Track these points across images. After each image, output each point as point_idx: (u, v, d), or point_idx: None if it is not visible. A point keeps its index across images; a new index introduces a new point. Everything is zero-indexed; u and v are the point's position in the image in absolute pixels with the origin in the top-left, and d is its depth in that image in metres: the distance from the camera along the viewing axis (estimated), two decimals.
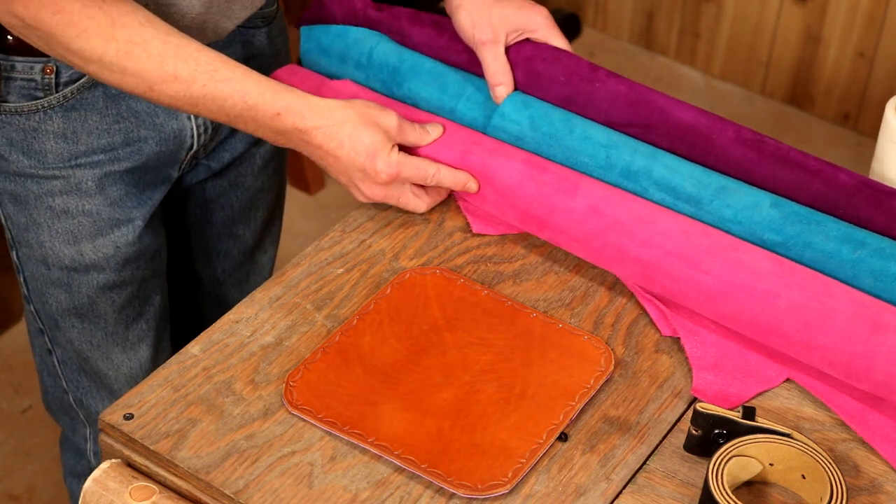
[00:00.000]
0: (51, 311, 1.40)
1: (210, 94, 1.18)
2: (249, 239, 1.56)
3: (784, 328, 1.10)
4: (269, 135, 1.21)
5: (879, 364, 1.07)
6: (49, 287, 1.37)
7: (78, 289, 1.37)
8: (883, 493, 1.04)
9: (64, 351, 1.44)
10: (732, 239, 1.16)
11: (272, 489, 1.03)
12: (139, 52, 1.16)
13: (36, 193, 1.31)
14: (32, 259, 1.36)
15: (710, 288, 1.13)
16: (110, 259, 1.35)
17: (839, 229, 1.15)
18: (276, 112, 1.19)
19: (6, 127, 1.27)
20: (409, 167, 1.22)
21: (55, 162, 1.29)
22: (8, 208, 1.34)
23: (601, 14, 3.07)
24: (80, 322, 1.39)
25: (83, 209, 1.32)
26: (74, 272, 1.35)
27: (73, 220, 1.32)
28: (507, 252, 1.26)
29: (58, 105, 1.26)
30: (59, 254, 1.34)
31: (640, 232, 1.17)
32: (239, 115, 1.19)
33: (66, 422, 1.55)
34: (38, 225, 1.33)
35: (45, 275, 1.36)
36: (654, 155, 1.23)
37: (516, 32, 1.29)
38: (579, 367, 1.13)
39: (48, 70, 1.24)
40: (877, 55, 2.70)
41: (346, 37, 1.37)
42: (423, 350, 1.14)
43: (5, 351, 2.27)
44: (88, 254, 1.34)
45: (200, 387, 1.11)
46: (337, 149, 1.20)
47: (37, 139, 1.27)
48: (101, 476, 1.06)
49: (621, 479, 1.05)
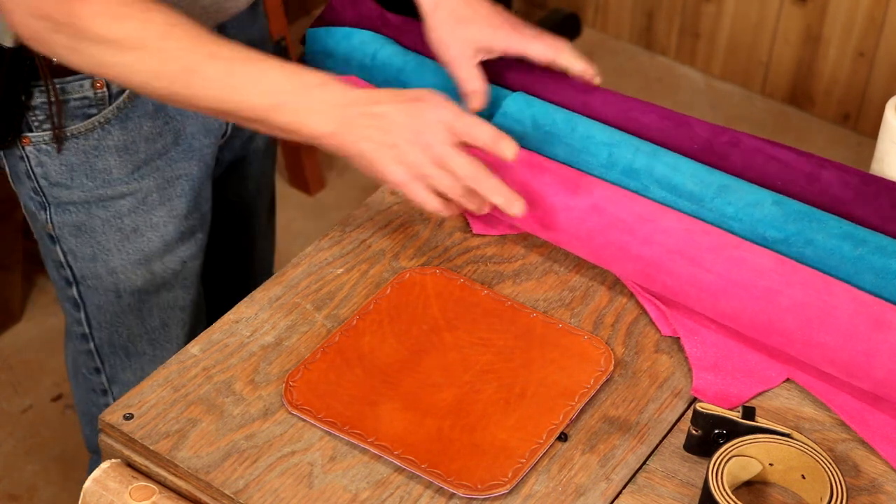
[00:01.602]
0: (122, 341, 1.38)
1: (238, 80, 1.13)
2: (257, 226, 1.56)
3: (785, 326, 1.11)
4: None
5: (880, 362, 1.07)
6: (120, 317, 1.36)
7: (150, 312, 1.36)
8: (883, 493, 1.04)
9: (124, 388, 1.42)
10: (734, 237, 1.16)
11: (272, 489, 1.03)
12: (178, 32, 1.11)
13: (103, 218, 1.29)
14: (100, 290, 1.34)
15: (712, 286, 1.13)
16: (178, 275, 1.35)
17: (840, 227, 1.15)
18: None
19: (65, 153, 1.25)
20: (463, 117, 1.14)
21: (121, 177, 1.27)
22: (69, 243, 1.31)
23: (601, 14, 3.07)
24: (153, 348, 1.38)
25: (151, 224, 1.31)
26: (146, 294, 1.34)
27: (143, 238, 1.31)
28: (507, 252, 1.26)
29: (114, 118, 1.25)
30: (131, 276, 1.33)
31: (641, 230, 1.17)
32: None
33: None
34: (107, 252, 1.31)
35: (115, 304, 1.35)
36: (656, 153, 1.23)
37: (484, 52, 1.27)
38: (579, 367, 1.13)
39: (98, 84, 1.23)
40: (877, 55, 2.70)
41: (351, 39, 1.38)
42: (423, 350, 1.14)
43: (5, 351, 2.27)
44: (159, 272, 1.33)
45: (200, 387, 1.11)
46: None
47: (99, 157, 1.26)
48: (101, 476, 1.06)
49: (621, 479, 1.05)
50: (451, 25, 1.26)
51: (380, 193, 1.32)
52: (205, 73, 1.11)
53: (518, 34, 1.27)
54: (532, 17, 3.11)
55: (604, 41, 3.07)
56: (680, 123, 1.27)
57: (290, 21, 2.92)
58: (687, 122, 1.27)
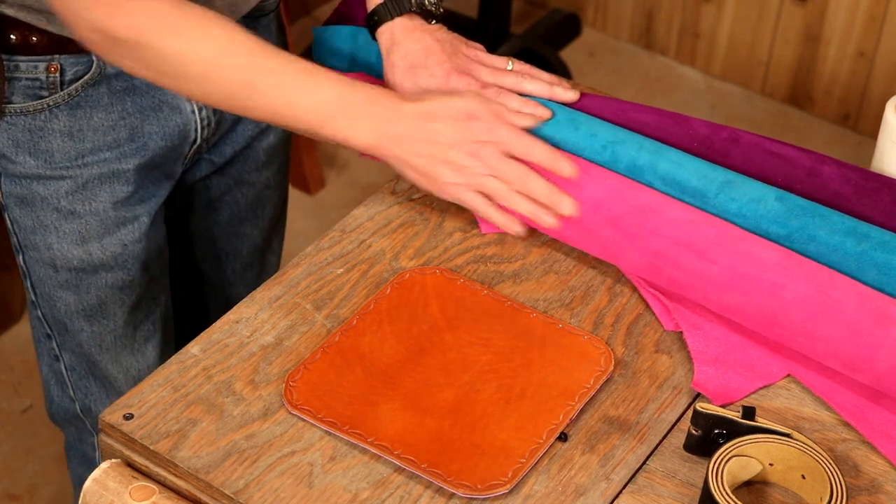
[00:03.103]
0: (59, 314, 1.39)
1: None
2: (258, 238, 1.56)
3: (789, 319, 1.11)
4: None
5: (883, 356, 1.07)
6: (57, 290, 1.37)
7: (87, 290, 1.36)
8: (883, 493, 1.04)
9: (72, 356, 1.43)
10: (739, 230, 1.17)
11: (272, 489, 1.03)
12: (237, 48, 1.13)
13: (42, 195, 1.30)
14: (40, 262, 1.36)
15: (717, 278, 1.14)
16: (118, 257, 1.35)
17: (843, 222, 1.16)
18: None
19: (11, 128, 1.27)
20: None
21: (62, 161, 1.28)
22: (14, 212, 1.34)
23: (601, 14, 3.07)
24: (90, 324, 1.39)
25: (90, 209, 1.31)
26: (83, 273, 1.35)
27: (81, 221, 1.32)
28: (507, 252, 1.26)
29: (63, 103, 1.26)
30: (67, 255, 1.33)
31: (648, 221, 1.17)
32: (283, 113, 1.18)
33: (72, 431, 1.54)
34: (45, 227, 1.32)
35: (53, 277, 1.36)
36: (659, 150, 1.24)
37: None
38: (579, 367, 1.13)
39: (52, 69, 1.24)
40: (877, 55, 2.70)
41: (357, 38, 1.38)
42: (423, 350, 1.14)
43: (5, 351, 2.27)
44: (97, 253, 1.34)
45: (200, 387, 1.11)
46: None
47: (43, 139, 1.27)
48: (101, 476, 1.06)
49: (621, 479, 1.05)
50: (403, 71, 1.28)
51: (380, 193, 1.32)
52: (262, 88, 1.14)
53: (467, 82, 1.28)
54: (532, 17, 3.11)
55: (604, 41, 3.07)
56: (679, 121, 1.27)
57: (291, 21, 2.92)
58: (686, 120, 1.28)
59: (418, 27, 1.30)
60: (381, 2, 1.30)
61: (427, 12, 1.31)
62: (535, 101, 1.28)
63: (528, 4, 3.16)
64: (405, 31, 1.30)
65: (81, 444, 1.54)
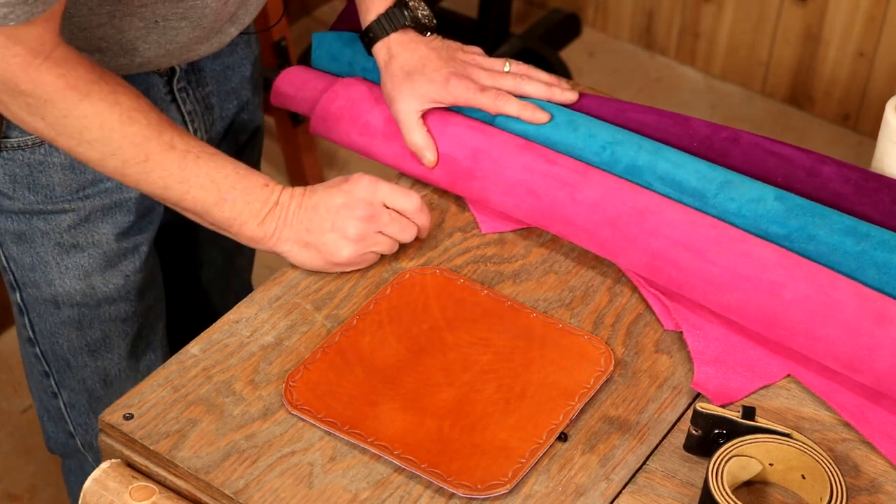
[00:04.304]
0: (62, 351, 1.37)
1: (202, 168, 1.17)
2: (231, 244, 1.55)
3: (789, 319, 1.11)
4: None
5: (883, 357, 1.07)
6: (60, 327, 1.35)
7: (90, 325, 1.35)
8: (883, 493, 1.04)
9: (72, 393, 1.41)
10: (738, 231, 1.17)
11: (272, 489, 1.03)
12: (141, 118, 1.13)
13: (43, 230, 1.28)
14: (40, 300, 1.33)
15: (717, 278, 1.14)
16: (120, 289, 1.33)
17: (843, 222, 1.16)
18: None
19: (9, 163, 1.24)
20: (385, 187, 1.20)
21: (63, 195, 1.27)
22: (10, 249, 1.31)
23: (601, 14, 3.07)
24: (94, 360, 1.37)
25: (93, 241, 1.30)
26: (86, 308, 1.33)
27: (83, 254, 1.30)
28: (507, 252, 1.26)
29: None
30: (69, 291, 1.32)
31: (647, 222, 1.18)
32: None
33: (74, 464, 1.52)
34: (45, 263, 1.30)
35: (54, 314, 1.34)
36: (658, 150, 1.24)
37: (432, 103, 1.29)
38: (579, 367, 1.13)
39: None
40: (877, 55, 2.70)
41: (356, 44, 1.38)
42: (423, 350, 1.14)
43: (5, 351, 2.27)
44: (100, 287, 1.32)
45: (200, 387, 1.11)
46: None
47: (43, 173, 1.25)
48: (101, 476, 1.06)
49: (621, 479, 1.05)
50: (402, 79, 1.28)
51: None
52: (160, 160, 1.14)
53: (465, 85, 1.28)
54: (532, 17, 3.11)
55: (604, 41, 3.07)
56: (679, 121, 1.27)
57: (291, 21, 2.92)
58: (686, 120, 1.28)
59: (413, 39, 1.31)
60: (375, 19, 1.31)
61: (422, 26, 1.32)
62: (534, 104, 1.28)
63: (528, 4, 3.16)
64: (401, 44, 1.30)
65: (82, 472, 1.51)
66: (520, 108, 1.28)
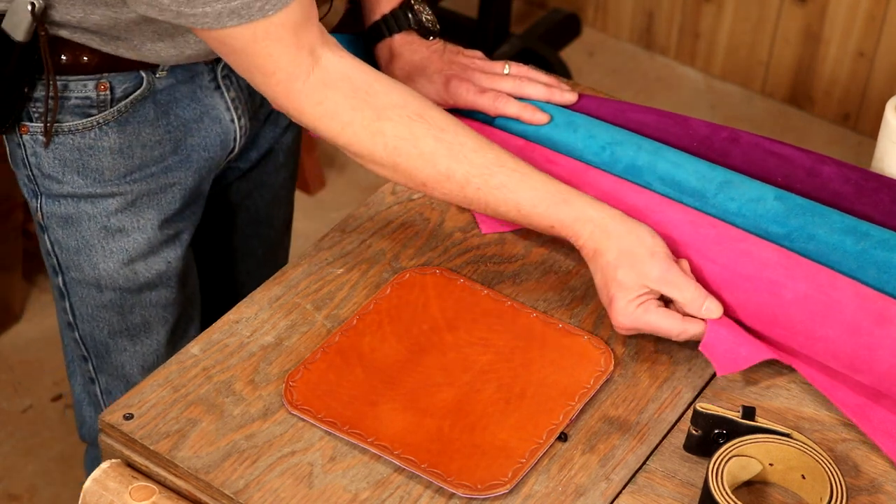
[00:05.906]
0: (102, 335, 1.38)
1: (483, 199, 1.15)
2: (273, 237, 1.56)
3: (789, 319, 1.11)
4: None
5: (883, 356, 1.07)
6: (101, 310, 1.36)
7: (131, 309, 1.36)
8: (883, 493, 1.04)
9: (109, 379, 1.42)
10: (738, 230, 1.17)
11: (272, 489, 1.03)
12: (408, 148, 1.13)
13: (90, 214, 1.30)
14: (83, 283, 1.34)
15: (717, 277, 1.14)
16: (162, 276, 1.34)
17: (843, 221, 1.16)
18: (550, 225, 1.15)
19: (59, 148, 1.26)
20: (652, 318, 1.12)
21: (112, 178, 1.28)
22: (56, 233, 1.32)
23: (601, 14, 3.07)
24: (133, 344, 1.38)
25: (138, 226, 1.31)
26: (128, 293, 1.34)
27: (128, 238, 1.31)
28: (507, 252, 1.26)
29: (113, 120, 1.25)
30: (112, 274, 1.33)
31: (647, 222, 1.18)
32: (513, 218, 1.16)
33: (100, 452, 1.53)
34: (90, 247, 1.31)
35: (96, 298, 1.35)
36: (658, 150, 1.24)
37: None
38: (579, 367, 1.13)
39: (102, 87, 1.23)
40: (877, 55, 2.70)
41: (356, 46, 1.38)
42: (423, 350, 1.14)
43: (5, 351, 2.27)
44: (142, 272, 1.33)
45: (200, 387, 1.11)
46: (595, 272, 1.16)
47: (93, 157, 1.26)
48: (101, 476, 1.06)
49: (621, 479, 1.05)
50: (402, 80, 1.29)
51: (380, 193, 1.32)
52: (436, 188, 1.15)
53: (465, 87, 1.29)
54: (532, 17, 3.11)
55: (604, 41, 3.07)
56: (679, 121, 1.28)
57: None
58: (686, 120, 1.28)
59: (415, 41, 1.32)
60: (380, 18, 1.32)
61: (425, 29, 1.33)
62: (534, 106, 1.28)
63: (528, 4, 3.16)
64: (403, 45, 1.32)
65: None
66: (519, 109, 1.29)
